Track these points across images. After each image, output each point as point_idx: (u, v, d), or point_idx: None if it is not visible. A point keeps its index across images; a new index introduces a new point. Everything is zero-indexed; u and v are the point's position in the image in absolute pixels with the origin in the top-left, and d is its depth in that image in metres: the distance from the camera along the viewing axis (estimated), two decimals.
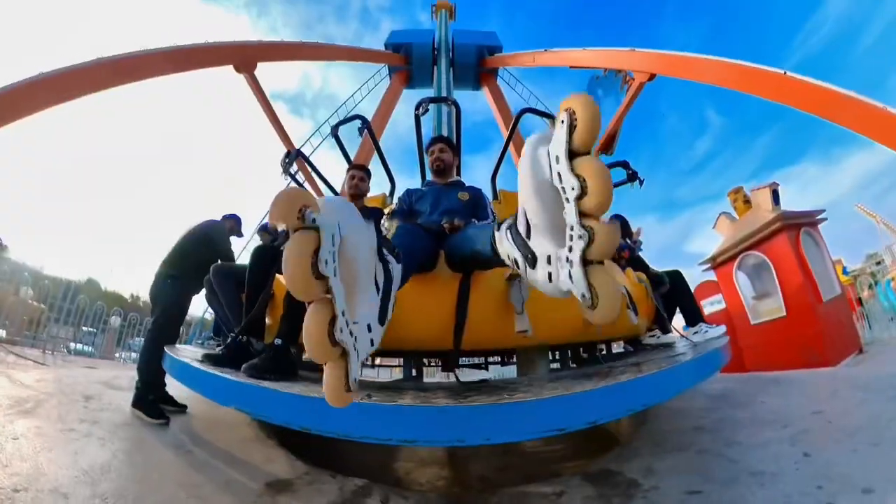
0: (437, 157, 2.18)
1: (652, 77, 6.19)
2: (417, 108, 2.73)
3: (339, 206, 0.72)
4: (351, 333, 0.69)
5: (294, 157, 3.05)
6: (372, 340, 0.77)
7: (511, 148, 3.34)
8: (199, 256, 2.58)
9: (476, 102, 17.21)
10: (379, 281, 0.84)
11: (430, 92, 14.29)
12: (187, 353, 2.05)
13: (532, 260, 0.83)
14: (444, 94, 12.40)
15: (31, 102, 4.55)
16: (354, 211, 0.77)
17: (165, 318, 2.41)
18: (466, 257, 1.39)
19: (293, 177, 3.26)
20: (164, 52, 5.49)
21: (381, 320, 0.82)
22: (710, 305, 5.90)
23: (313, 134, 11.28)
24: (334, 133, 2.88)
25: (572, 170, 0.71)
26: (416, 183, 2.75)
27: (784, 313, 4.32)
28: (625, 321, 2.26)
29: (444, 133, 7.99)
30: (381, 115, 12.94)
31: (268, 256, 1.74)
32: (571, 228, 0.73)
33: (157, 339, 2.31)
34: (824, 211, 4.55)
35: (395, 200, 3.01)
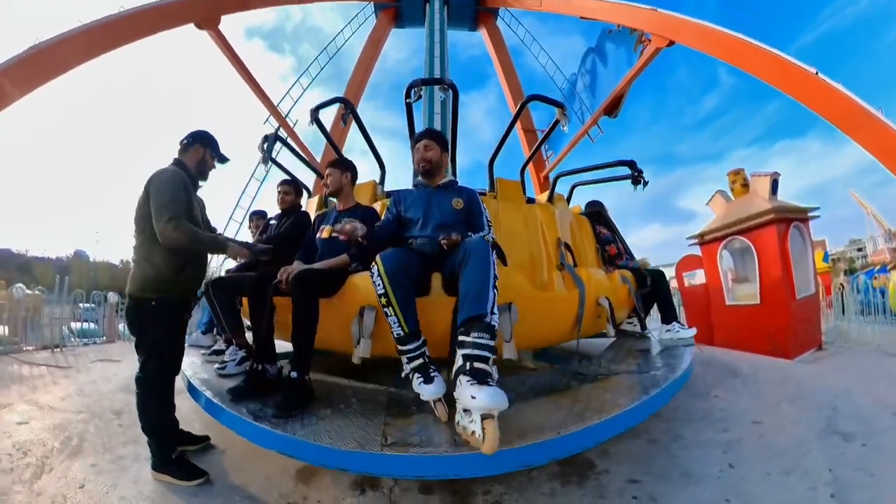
0: (422, 157, 1.98)
1: (671, 44, 5.70)
2: (408, 94, 2.37)
3: None
4: None
5: (272, 141, 2.93)
6: None
7: (518, 126, 3.19)
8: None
9: (472, 36, 15.64)
10: None
11: (420, 32, 12.94)
12: (205, 376, 2.15)
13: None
14: (436, 35, 10.99)
15: None
16: None
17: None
18: None
19: (274, 161, 3.13)
20: (104, 23, 4.53)
21: None
22: (692, 278, 6.20)
23: (290, 88, 10.55)
24: (314, 117, 2.65)
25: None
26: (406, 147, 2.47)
27: (758, 301, 4.57)
28: (603, 325, 2.49)
29: (438, 122, 7.32)
30: (366, 60, 11.79)
31: (266, 284, 1.84)
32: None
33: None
34: (818, 208, 4.58)
35: (385, 189, 2.91)
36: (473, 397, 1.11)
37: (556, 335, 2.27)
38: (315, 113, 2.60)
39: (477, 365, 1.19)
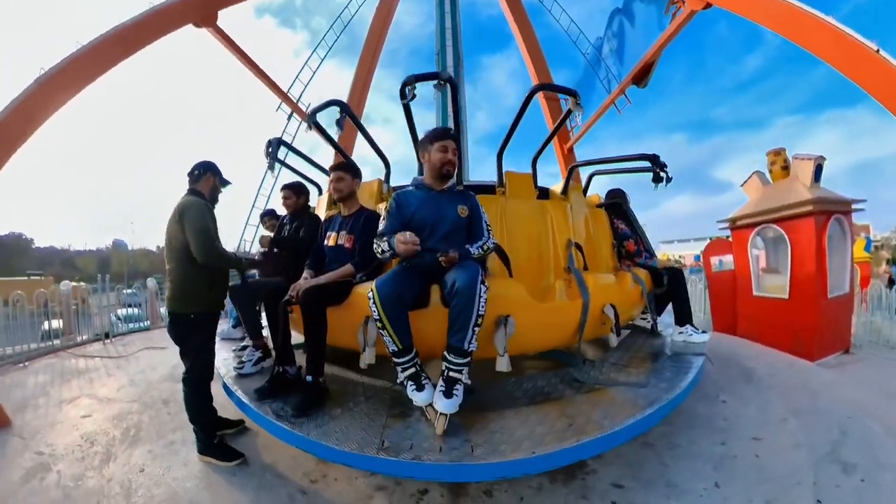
0: (451, 161, 1.94)
1: (707, 6, 5.04)
2: (402, 92, 2.16)
3: None
4: None
5: (277, 146, 2.93)
6: None
7: (539, 94, 2.80)
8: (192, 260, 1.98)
9: None
10: None
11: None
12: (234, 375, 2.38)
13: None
14: (447, 4, 9.88)
15: None
16: None
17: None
18: None
19: (282, 162, 3.16)
20: (104, 40, 4.28)
21: None
22: (720, 263, 5.94)
23: (301, 71, 10.25)
24: (313, 121, 2.58)
25: None
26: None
27: (786, 296, 4.34)
28: (605, 331, 2.47)
29: (442, 114, 6.74)
30: (376, 31, 10.97)
31: (279, 295, 2.02)
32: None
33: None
34: (865, 201, 4.17)
35: (391, 188, 2.85)
36: (438, 402, 1.58)
37: (554, 343, 2.29)
38: (312, 117, 2.55)
39: (451, 374, 1.61)
